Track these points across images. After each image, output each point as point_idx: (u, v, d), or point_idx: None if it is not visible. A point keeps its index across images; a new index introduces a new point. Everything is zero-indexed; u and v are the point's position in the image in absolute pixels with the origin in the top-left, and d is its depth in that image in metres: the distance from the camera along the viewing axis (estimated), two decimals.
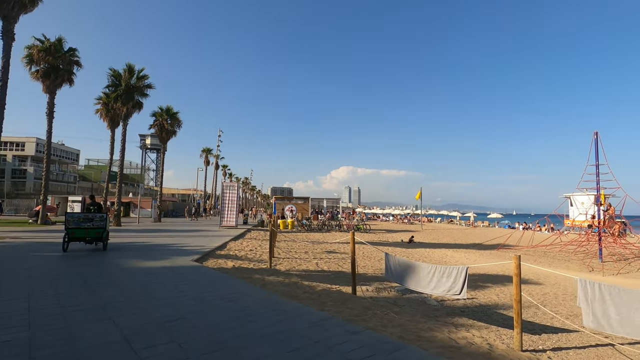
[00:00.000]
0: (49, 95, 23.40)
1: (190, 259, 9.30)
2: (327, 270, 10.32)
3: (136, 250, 11.06)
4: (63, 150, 74.68)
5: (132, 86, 24.52)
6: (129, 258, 9.23)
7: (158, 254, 10.08)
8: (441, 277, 5.28)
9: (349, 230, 27.81)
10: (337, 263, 11.89)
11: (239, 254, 11.71)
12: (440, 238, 26.58)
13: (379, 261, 13.19)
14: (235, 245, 14.07)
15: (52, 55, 22.89)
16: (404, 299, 7.45)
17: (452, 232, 33.72)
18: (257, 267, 9.42)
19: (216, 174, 57.18)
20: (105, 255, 9.65)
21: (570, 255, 19.20)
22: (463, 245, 22.67)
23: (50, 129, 23.42)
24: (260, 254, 12.04)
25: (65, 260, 8.75)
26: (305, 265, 10.76)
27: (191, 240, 14.60)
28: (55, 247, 10.98)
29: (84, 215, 10.76)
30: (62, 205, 38.34)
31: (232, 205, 23.43)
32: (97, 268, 7.75)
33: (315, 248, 15.63)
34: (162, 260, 8.86)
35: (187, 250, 11.17)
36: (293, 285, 7.04)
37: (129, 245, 12.19)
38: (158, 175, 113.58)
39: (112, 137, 30.58)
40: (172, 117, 33.00)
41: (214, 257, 10.42)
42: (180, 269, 7.80)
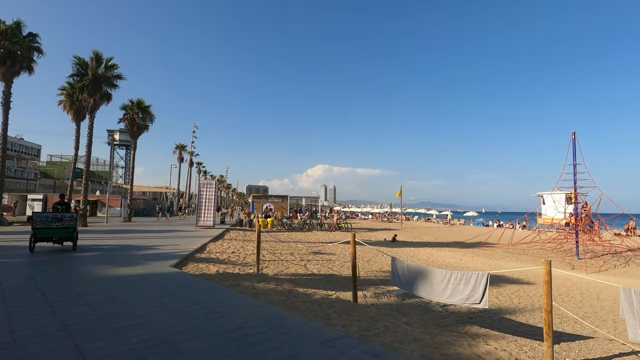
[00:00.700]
0: (5, 84, 21.29)
1: (168, 264, 8.41)
2: (317, 274, 9.71)
3: (106, 254, 9.98)
4: (22, 145, 69.61)
5: (100, 76, 22.78)
6: (98, 264, 8.22)
7: (131, 259, 9.09)
8: (457, 284, 4.81)
9: (330, 229, 27.32)
10: (325, 265, 11.30)
11: (220, 257, 10.87)
12: (422, 237, 26.63)
13: (368, 262, 12.74)
14: (215, 247, 13.17)
15: (8, 40, 20.81)
16: (405, 305, 6.97)
17: (432, 230, 34.02)
18: (243, 271, 8.66)
19: (190, 172, 55.13)
20: (70, 261, 8.57)
21: (549, 252, 19.63)
22: (445, 244, 22.74)
23: (6, 121, 21.31)
24: (244, 257, 11.26)
25: (23, 268, 7.64)
26: (293, 269, 10.10)
27: (166, 242, 13.55)
28: (10, 252, 9.72)
29: (52, 214, 10.41)
30: (20, 204, 35.48)
31: (209, 204, 22.28)
32: (60, 277, 6.74)
33: (300, 249, 14.98)
34: (136, 267, 7.93)
35: (164, 254, 10.21)
36: (288, 293, 6.38)
37: (98, 248, 11.04)
38: (127, 172, 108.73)
39: (77, 131, 28.49)
40: (143, 111, 31.19)
41: (194, 262, 9.54)
42: (158, 276, 6.94)
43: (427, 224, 43.56)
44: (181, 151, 50.40)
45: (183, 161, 50.60)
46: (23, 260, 8.53)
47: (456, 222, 46.52)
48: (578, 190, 19.88)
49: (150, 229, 20.86)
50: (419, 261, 14.42)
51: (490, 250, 20.14)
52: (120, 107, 30.63)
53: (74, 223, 10.40)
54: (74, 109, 27.98)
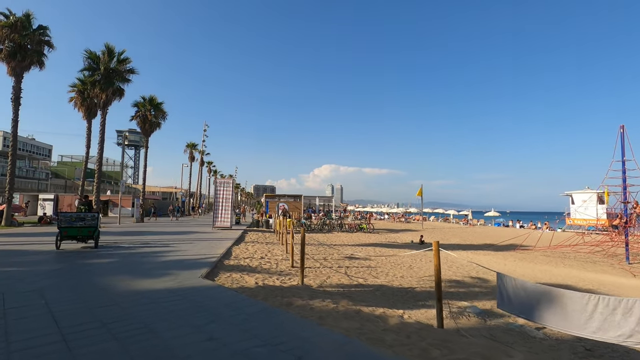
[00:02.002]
0: (15, 79, 20.46)
1: (198, 274, 7.21)
2: (365, 285, 8.45)
3: (125, 260, 8.84)
4: (34, 145, 69.63)
5: (112, 70, 21.81)
6: (118, 274, 7.05)
7: (154, 267, 7.92)
8: (611, 313, 3.52)
9: (350, 230, 26.04)
10: (368, 273, 10.04)
11: (251, 263, 9.66)
12: (449, 238, 25.17)
13: (411, 268, 11.43)
14: (240, 251, 12.00)
15: (18, 33, 19.96)
16: (493, 327, 5.67)
17: (455, 231, 32.51)
18: (284, 283, 7.43)
19: (201, 171, 54.26)
20: (86, 270, 7.43)
21: (592, 256, 18.08)
22: (476, 247, 21.28)
23: (17, 117, 20.48)
24: (276, 263, 10.04)
25: (32, 278, 6.51)
26: (336, 278, 8.85)
27: (187, 245, 12.41)
28: (19, 258, 8.63)
29: (76, 214, 11.03)
30: (31, 204, 34.82)
31: (226, 204, 21.16)
32: (76, 293, 5.58)
33: (331, 253, 13.75)
34: (163, 278, 6.74)
35: (189, 261, 9.04)
36: (356, 315, 5.12)
37: (115, 253, 9.92)
38: (136, 172, 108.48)
39: (88, 128, 27.69)
40: (155, 108, 30.25)
41: (226, 270, 8.34)
42: (192, 292, 5.73)
43: (448, 225, 42.00)
44: (192, 150, 49.50)
45: (194, 160, 49.71)
46: (33, 269, 7.41)
47: (476, 223, 44.83)
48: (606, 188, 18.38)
49: (165, 230, 19.80)
50: (461, 267, 13.06)
51: (528, 254, 18.64)
52: (132, 104, 29.77)
53: (95, 222, 11.02)
54: (85, 105, 27.13)
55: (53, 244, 10.48)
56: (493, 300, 7.81)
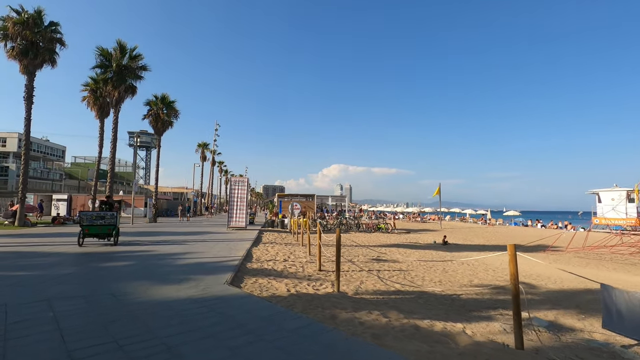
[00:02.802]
0: (27, 77, 20.13)
1: (223, 279, 6.48)
2: (404, 291, 7.61)
3: (141, 263, 8.16)
4: (48, 147, 70.35)
5: (125, 67, 21.35)
6: (135, 279, 6.36)
7: (173, 271, 7.22)
8: None
9: (368, 230, 25.17)
10: (402, 277, 9.20)
11: (275, 267, 8.91)
12: (471, 238, 24.10)
13: (446, 272, 10.52)
14: (261, 253, 11.27)
15: (30, 30, 19.62)
16: (573, 346, 4.79)
17: (476, 231, 31.36)
18: (318, 290, 6.65)
19: (212, 171, 53.96)
20: (101, 274, 6.76)
21: (631, 258, 16.88)
22: (503, 247, 20.19)
23: (29, 116, 20.14)
24: (302, 267, 9.26)
25: (41, 285, 5.85)
26: (370, 283, 8.03)
27: (203, 247, 11.74)
28: (29, 261, 8.02)
29: (96, 213, 11.51)
30: (45, 204, 34.78)
31: (241, 204, 20.49)
32: (89, 303, 4.89)
33: (355, 254, 12.94)
34: (185, 284, 6.02)
35: (209, 264, 8.34)
36: (414, 331, 4.31)
37: (130, 256, 9.28)
38: (147, 173, 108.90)
39: (101, 127, 27.41)
40: (168, 107, 29.88)
41: (250, 275, 7.60)
42: (220, 303, 4.99)
43: (465, 224, 40.75)
44: (203, 150, 49.18)
45: (205, 160, 49.39)
46: (43, 274, 6.77)
47: (494, 222, 43.42)
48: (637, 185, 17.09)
49: (179, 230, 19.23)
50: (497, 271, 12.10)
51: (560, 256, 17.54)
52: (144, 102, 29.43)
53: (114, 220, 11.41)
54: (97, 104, 26.87)
55: (66, 245, 10.03)
56: (553, 310, 6.92)
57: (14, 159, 58.17)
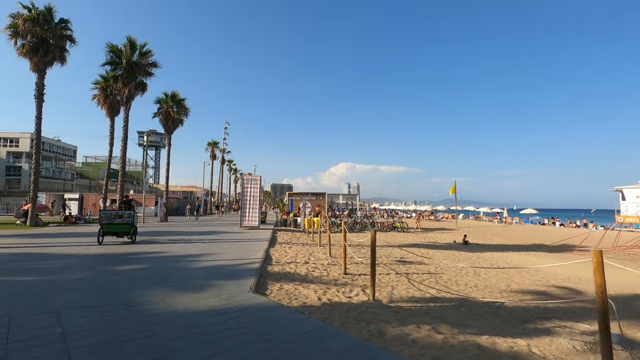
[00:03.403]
0: (38, 75, 19.88)
1: (245, 285, 5.91)
2: (442, 298, 6.94)
3: (155, 266, 7.65)
4: (59, 147, 71.03)
5: (135, 63, 20.96)
6: (152, 286, 5.82)
7: (192, 276, 6.67)
8: None
9: (383, 229, 24.47)
10: (434, 281, 8.53)
11: (298, 270, 8.32)
12: (491, 238, 23.23)
13: (478, 276, 9.80)
14: (279, 254, 10.71)
15: (40, 27, 19.34)
16: None
17: (494, 229, 30.39)
18: (350, 297, 6.03)
19: (222, 169, 53.70)
20: (114, 279, 6.24)
21: None
22: (527, 247, 19.34)
23: (40, 114, 19.91)
24: (325, 269, 8.66)
25: (49, 293, 5.35)
26: (402, 289, 7.38)
27: (218, 247, 11.22)
28: (38, 265, 7.56)
29: (115, 212, 11.89)
30: (57, 204, 34.82)
31: (253, 202, 19.97)
32: (102, 317, 4.35)
33: (377, 254, 12.27)
34: (206, 291, 5.46)
35: (228, 267, 7.78)
36: (478, 351, 3.67)
37: (144, 258, 8.78)
38: (157, 172, 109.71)
39: (111, 126, 27.19)
40: (178, 104, 29.50)
41: (273, 279, 7.02)
42: (247, 313, 4.41)
43: (482, 223, 39.69)
44: (213, 148, 48.90)
45: (215, 159, 49.11)
46: (53, 278, 6.28)
47: (510, 220, 42.25)
48: None
49: (191, 230, 18.80)
50: (531, 273, 11.33)
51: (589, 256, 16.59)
52: (154, 100, 29.11)
53: (132, 219, 11.65)
54: (107, 103, 26.63)
55: (77, 246, 9.63)
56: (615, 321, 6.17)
57: (26, 159, 58.74)
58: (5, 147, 62.27)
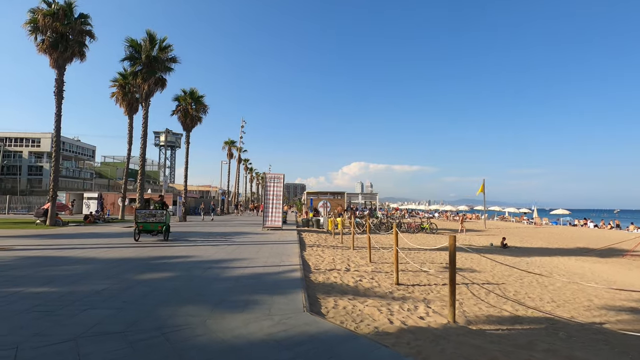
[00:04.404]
0: (58, 71, 19.44)
1: (295, 301, 4.90)
2: (524, 317, 5.79)
3: (186, 275, 6.73)
4: (79, 147, 72.07)
5: (154, 58, 20.33)
6: (186, 301, 4.87)
7: (230, 288, 5.70)
8: None
9: (410, 230, 23.24)
10: (501, 293, 7.36)
11: (344, 280, 7.27)
12: (529, 241, 21.69)
13: (545, 287, 8.56)
14: (315, 259, 9.72)
15: (60, 22, 18.90)
16: None
17: (528, 231, 28.72)
18: (424, 318, 4.97)
19: (239, 168, 53.19)
20: (145, 297, 5.33)
21: None
22: (573, 251, 17.83)
23: (60, 112, 19.47)
24: (373, 278, 7.61)
25: (68, 312, 4.47)
26: (473, 304, 6.26)
27: (248, 251, 10.30)
28: (56, 271, 6.72)
29: (148, 211, 12.38)
30: (77, 203, 34.81)
31: (277, 202, 19.05)
32: (131, 347, 3.40)
33: (420, 259, 11.16)
34: (252, 310, 4.47)
35: (267, 276, 6.80)
36: None
37: (170, 263, 7.90)
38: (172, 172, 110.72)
39: (129, 124, 26.87)
40: (196, 101, 28.91)
41: (322, 292, 6.00)
42: (315, 346, 3.39)
43: (511, 224, 37.85)
44: (230, 147, 48.39)
45: (232, 157, 48.59)
46: (72, 290, 5.42)
47: (540, 221, 40.20)
48: None
49: (213, 230, 18.01)
50: (602, 282, 9.99)
51: None
52: (172, 98, 28.61)
53: (164, 218, 12.28)
54: (126, 100, 26.32)
55: (98, 248, 8.93)
56: None
57: (47, 158, 59.65)
58: (27, 147, 63.47)
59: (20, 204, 38.68)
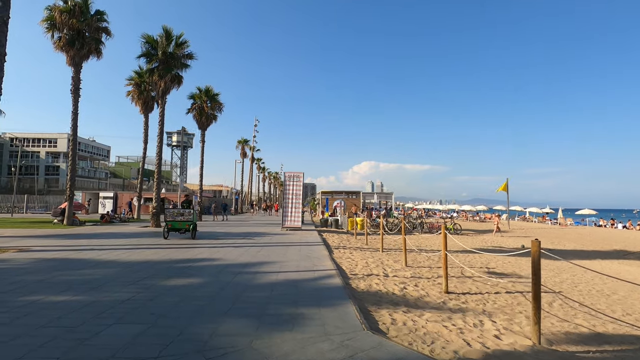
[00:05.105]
0: (74, 69, 19.21)
1: (347, 314, 4.22)
2: (608, 335, 4.98)
3: (217, 281, 6.12)
4: (94, 147, 72.96)
5: (171, 54, 19.91)
6: (221, 316, 4.24)
7: (266, 298, 5.06)
8: None
9: (434, 231, 22.33)
10: (566, 304, 6.54)
11: (389, 288, 6.55)
12: (560, 242, 20.56)
13: (617, 299, 7.68)
14: (348, 263, 9.03)
15: (76, 19, 18.64)
16: None
17: (554, 232, 27.50)
18: (502, 338, 4.23)
19: (252, 167, 52.85)
20: (176, 309, 4.73)
21: None
22: (610, 254, 16.70)
23: (76, 110, 19.23)
24: (418, 285, 6.87)
25: (86, 332, 3.89)
26: (543, 317, 5.47)
27: (274, 253, 9.68)
28: (72, 278, 6.19)
29: (177, 211, 12.87)
30: (93, 202, 34.87)
31: (296, 201, 18.44)
32: None
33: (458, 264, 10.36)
34: (303, 327, 3.81)
35: (304, 283, 6.14)
36: None
37: (197, 267, 7.31)
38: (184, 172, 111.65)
39: (145, 123, 26.61)
40: (212, 99, 28.57)
41: (370, 304, 5.30)
42: None
43: (535, 225, 36.51)
44: (243, 146, 48.06)
45: (246, 156, 48.25)
46: (92, 300, 4.86)
47: (563, 221, 38.70)
48: None
49: (231, 230, 17.48)
50: None
51: None
52: (188, 95, 28.31)
53: (192, 217, 12.77)
54: (142, 99, 26.07)
55: (117, 249, 8.49)
56: None
57: (64, 158, 60.42)
58: (44, 147, 64.48)
59: (38, 203, 39.05)
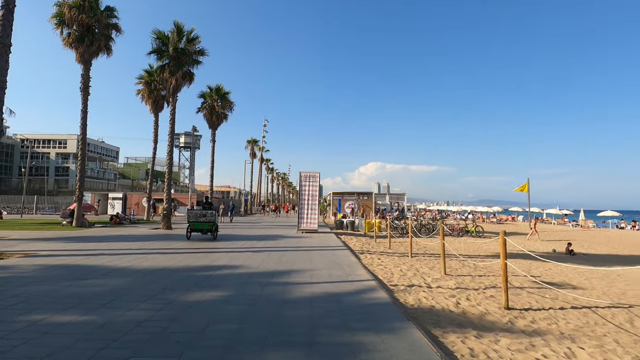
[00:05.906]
0: (84, 66, 18.69)
1: (421, 345, 3.39)
2: None
3: (243, 295, 5.33)
4: (103, 148, 73.12)
5: (182, 50, 19.26)
6: (265, 344, 3.43)
7: (308, 317, 4.24)
8: None
9: (454, 234, 21.36)
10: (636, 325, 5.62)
11: (441, 303, 5.70)
12: (591, 246, 19.46)
13: None
14: (383, 272, 8.19)
15: (86, 14, 18.12)
16: None
17: (578, 234, 26.32)
18: None
19: (261, 168, 52.22)
20: (203, 339, 3.94)
21: None
22: None
23: (86, 108, 18.70)
24: (470, 299, 6.01)
25: (109, 349, 3.09)
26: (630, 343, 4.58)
27: (297, 258, 8.88)
28: (84, 289, 5.44)
29: (199, 212, 12.82)
30: (102, 203, 34.50)
31: (312, 202, 17.66)
32: None
33: (496, 272, 9.45)
34: None
35: (344, 297, 5.31)
36: None
37: (216, 276, 6.53)
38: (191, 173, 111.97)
39: (155, 122, 26.05)
40: (222, 98, 27.96)
41: (433, 324, 4.46)
42: None
43: (553, 227, 35.23)
44: (253, 147, 47.45)
45: (255, 157, 47.64)
46: (103, 321, 4.10)
47: (584, 223, 37.34)
48: None
49: (245, 233, 16.73)
50: None
51: None
52: (198, 94, 27.74)
53: (213, 218, 12.74)
54: (152, 97, 25.54)
55: (129, 255, 7.81)
56: None
57: (73, 159, 60.51)
58: (54, 148, 64.72)
59: (47, 204, 38.86)
